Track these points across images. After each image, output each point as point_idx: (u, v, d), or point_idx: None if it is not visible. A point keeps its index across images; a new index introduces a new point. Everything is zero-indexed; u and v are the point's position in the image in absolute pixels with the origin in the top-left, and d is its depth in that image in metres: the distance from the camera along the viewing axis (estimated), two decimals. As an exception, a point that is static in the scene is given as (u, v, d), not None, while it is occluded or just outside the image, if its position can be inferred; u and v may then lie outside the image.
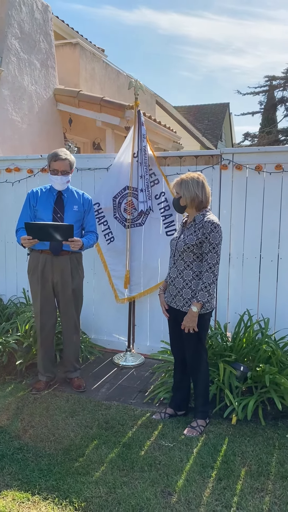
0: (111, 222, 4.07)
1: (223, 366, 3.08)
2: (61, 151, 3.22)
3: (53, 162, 3.17)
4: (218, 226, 2.72)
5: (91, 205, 3.41)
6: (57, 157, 3.16)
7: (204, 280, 2.70)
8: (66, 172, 3.20)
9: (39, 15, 6.59)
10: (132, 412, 3.04)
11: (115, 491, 2.23)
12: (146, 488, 2.25)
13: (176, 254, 2.86)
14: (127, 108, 6.61)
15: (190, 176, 2.80)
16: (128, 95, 9.52)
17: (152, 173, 3.92)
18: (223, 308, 3.78)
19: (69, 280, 3.27)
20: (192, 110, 19.96)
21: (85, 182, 4.19)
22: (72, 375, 3.50)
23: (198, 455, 2.54)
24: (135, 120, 3.86)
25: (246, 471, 2.40)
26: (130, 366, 3.91)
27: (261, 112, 23.29)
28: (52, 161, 3.18)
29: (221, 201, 3.73)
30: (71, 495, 2.20)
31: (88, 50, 8.29)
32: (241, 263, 3.71)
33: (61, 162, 3.16)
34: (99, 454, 2.54)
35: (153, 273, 4.01)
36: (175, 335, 2.97)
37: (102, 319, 4.32)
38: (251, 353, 3.25)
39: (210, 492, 2.24)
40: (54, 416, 2.97)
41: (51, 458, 2.50)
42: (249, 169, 3.62)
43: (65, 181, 3.22)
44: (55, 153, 3.19)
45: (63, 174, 3.19)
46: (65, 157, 3.18)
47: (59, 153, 3.18)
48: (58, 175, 3.18)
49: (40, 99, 6.75)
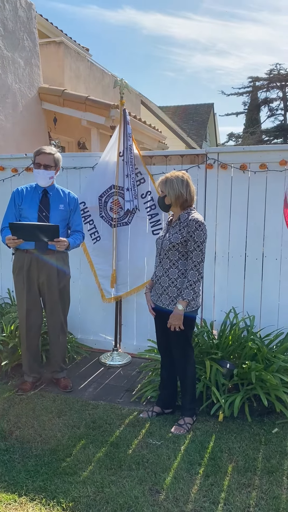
0: (97, 221, 4.06)
1: (209, 364, 3.10)
2: (47, 147, 3.22)
3: (37, 156, 3.17)
4: (202, 224, 2.73)
5: (77, 204, 3.38)
6: (41, 151, 3.16)
7: (189, 278, 2.71)
8: (49, 167, 3.17)
9: (22, 13, 6.53)
10: (119, 411, 3.04)
11: (103, 490, 2.23)
12: (134, 487, 2.25)
13: (161, 253, 2.87)
14: (112, 107, 6.60)
15: (175, 175, 2.81)
16: (113, 95, 9.50)
17: (138, 172, 3.92)
18: (209, 306, 3.80)
19: (55, 280, 3.24)
20: (177, 111, 20.05)
21: (71, 181, 4.17)
22: (59, 376, 3.47)
23: (186, 452, 2.55)
24: (121, 119, 3.86)
25: (233, 467, 2.42)
26: (117, 365, 3.91)
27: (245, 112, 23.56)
28: (36, 155, 3.18)
29: (207, 200, 3.75)
30: (58, 495, 2.19)
31: (72, 49, 8.25)
32: (227, 261, 3.74)
33: (45, 156, 3.15)
34: (87, 454, 2.53)
35: (140, 272, 4.01)
36: (161, 334, 2.98)
37: (89, 318, 4.30)
38: (237, 350, 3.28)
39: (198, 488, 2.25)
40: (41, 417, 2.95)
41: (38, 459, 2.48)
42: (234, 168, 3.65)
43: (47, 176, 3.18)
44: (40, 148, 3.20)
45: (46, 168, 3.16)
46: (50, 152, 3.17)
47: (43, 147, 3.19)
48: (40, 168, 3.16)
49: (24, 97, 6.69)
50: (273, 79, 22.20)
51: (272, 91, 22.82)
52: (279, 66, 21.96)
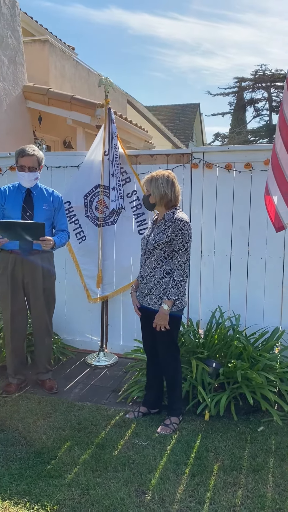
0: (82, 221, 4.02)
1: (195, 363, 3.10)
2: (29, 147, 3.12)
3: (20, 158, 3.08)
4: (187, 224, 2.73)
5: (61, 203, 3.34)
6: (24, 153, 3.07)
7: (174, 278, 2.70)
8: (33, 169, 3.11)
9: (6, 10, 6.45)
10: (105, 412, 3.02)
11: (88, 492, 2.21)
12: (120, 488, 2.23)
13: (146, 253, 2.85)
14: (98, 106, 6.56)
15: (160, 174, 2.80)
16: (99, 94, 9.45)
17: (124, 171, 3.90)
18: (195, 305, 3.80)
19: (40, 280, 3.20)
20: (164, 110, 20.09)
21: (55, 180, 4.13)
22: (44, 377, 3.43)
23: (172, 452, 2.55)
24: (106, 118, 3.84)
25: (219, 466, 2.42)
26: (103, 366, 3.88)
27: (231, 112, 23.72)
28: (19, 157, 3.09)
29: (192, 199, 3.75)
30: (43, 499, 2.16)
31: (57, 47, 8.18)
32: (212, 260, 3.75)
33: (28, 158, 3.08)
34: (72, 456, 2.50)
35: (126, 272, 3.99)
36: (147, 334, 2.97)
37: (74, 319, 4.27)
38: (223, 349, 3.28)
39: (184, 488, 2.25)
40: (26, 419, 2.91)
41: (22, 462, 2.45)
42: (219, 168, 3.66)
43: (33, 178, 3.14)
44: (22, 149, 3.10)
45: (31, 170, 3.11)
46: (33, 153, 3.09)
47: (26, 148, 3.09)
48: (25, 171, 3.09)
49: (8, 96, 6.60)
50: (258, 79, 22.41)
51: (257, 92, 23.04)
52: (264, 67, 22.19)
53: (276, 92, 22.80)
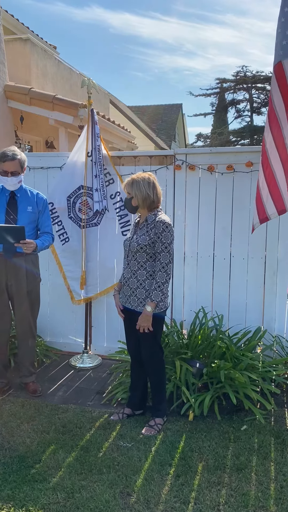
0: (65, 222, 4.00)
1: (179, 364, 3.12)
2: (9, 150, 3.05)
3: (2, 163, 3.01)
4: (169, 225, 2.75)
5: (46, 205, 3.32)
6: (5, 158, 2.99)
7: (157, 280, 2.72)
8: (16, 173, 3.07)
9: (-14, 8, 6.36)
10: (89, 414, 3.01)
11: (73, 495, 2.20)
12: (105, 490, 2.23)
13: (129, 255, 2.86)
14: (81, 106, 6.53)
15: (141, 176, 2.81)
16: (81, 94, 9.41)
17: (107, 173, 3.90)
18: (179, 306, 3.83)
19: (24, 282, 3.17)
20: (146, 110, 20.08)
21: (38, 181, 4.10)
22: (27, 380, 3.40)
23: (157, 453, 2.56)
24: (89, 119, 3.82)
25: (203, 466, 2.45)
26: (87, 367, 3.87)
27: (213, 113, 23.91)
28: (1, 162, 3.01)
29: (175, 200, 3.77)
30: (27, 503, 2.14)
31: (39, 46, 8.11)
32: (196, 261, 3.78)
33: (10, 162, 3.02)
34: (56, 459, 2.49)
35: (110, 274, 3.99)
36: (130, 335, 2.97)
37: (58, 321, 4.24)
38: (207, 349, 3.32)
39: (169, 489, 2.26)
40: (9, 423, 2.88)
41: (6, 467, 2.42)
42: (201, 170, 3.69)
43: (16, 181, 3.10)
44: (3, 152, 3.02)
45: (14, 175, 3.06)
46: (14, 157, 3.02)
47: (7, 152, 3.01)
48: (8, 176, 3.04)
49: (-11, 95, 6.52)
50: (239, 81, 22.64)
51: (239, 93, 23.27)
52: (246, 68, 22.42)
53: (257, 93, 23.09)
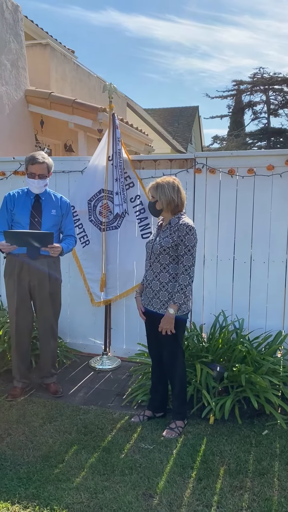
0: (86, 225, 4.05)
1: (199, 367, 3.12)
2: (39, 154, 3.15)
3: (30, 165, 3.11)
4: (193, 229, 2.76)
5: (69, 208, 3.37)
6: (34, 160, 3.10)
7: (180, 282, 2.73)
8: (43, 176, 3.14)
9: (9, 15, 6.48)
10: (110, 416, 3.04)
11: (96, 496, 2.23)
12: (128, 492, 2.25)
13: (152, 257, 2.88)
14: (100, 110, 6.59)
15: (166, 180, 2.83)
16: (99, 97, 9.49)
17: (127, 176, 3.93)
18: (198, 309, 3.83)
19: (46, 283, 3.23)
20: (162, 113, 20.13)
21: (59, 184, 4.15)
22: (49, 381, 3.45)
23: (178, 456, 2.57)
24: (110, 123, 3.87)
25: (225, 470, 2.45)
26: (107, 369, 3.90)
27: (229, 115, 23.83)
28: (30, 164, 3.11)
29: (195, 204, 3.78)
30: (52, 503, 2.18)
31: (58, 51, 8.21)
32: (215, 265, 3.78)
33: (39, 165, 3.11)
34: (79, 460, 2.52)
35: (129, 276, 4.02)
36: (152, 338, 2.99)
37: (78, 322, 4.29)
38: (227, 353, 3.31)
39: (191, 492, 2.27)
40: (32, 423, 2.93)
41: (30, 466, 2.47)
42: (222, 173, 3.69)
43: (42, 185, 3.17)
44: (33, 156, 3.13)
45: (40, 177, 3.13)
46: (43, 161, 3.12)
47: (36, 156, 3.12)
48: (35, 178, 3.13)
49: (10, 100, 6.63)
50: (256, 82, 22.53)
51: (255, 95, 23.17)
52: (263, 70, 22.33)
53: (274, 95, 22.93)
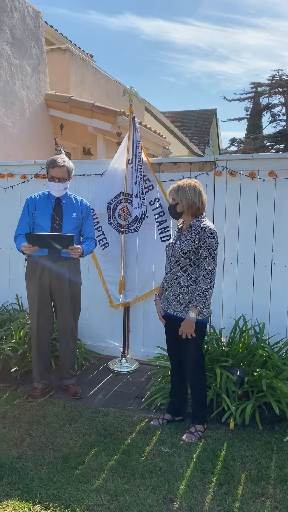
0: (105, 228, 4.07)
1: (219, 371, 3.10)
2: (60, 157, 3.20)
3: (51, 168, 3.16)
4: (214, 232, 2.75)
5: (90, 211, 3.40)
6: (55, 164, 3.14)
7: (201, 286, 2.72)
8: (63, 179, 3.18)
9: (30, 21, 6.58)
10: (129, 419, 3.04)
11: (117, 499, 2.23)
12: (148, 495, 2.25)
13: (172, 260, 2.87)
14: (119, 114, 6.63)
15: (187, 183, 2.82)
16: (118, 101, 9.55)
17: (147, 179, 3.94)
18: (218, 313, 3.80)
19: (67, 286, 3.26)
20: (180, 116, 20.12)
21: (80, 188, 4.19)
22: (68, 382, 3.48)
23: (198, 460, 2.55)
24: (130, 126, 3.89)
25: (246, 476, 2.42)
26: (126, 372, 3.91)
27: (247, 118, 23.65)
28: (50, 167, 3.16)
29: (215, 207, 3.76)
30: (73, 504, 2.19)
31: (77, 55, 8.31)
32: (235, 268, 3.75)
33: (59, 169, 3.15)
34: (99, 462, 2.53)
35: (148, 279, 4.02)
36: (172, 341, 2.98)
37: (97, 325, 4.31)
38: (247, 358, 3.28)
39: (212, 497, 2.25)
40: (52, 424, 2.95)
41: (50, 467, 2.48)
42: (242, 176, 3.67)
43: (62, 188, 3.21)
44: (53, 159, 3.17)
45: (60, 181, 3.18)
46: (63, 164, 3.16)
47: (57, 159, 3.16)
48: (55, 182, 3.17)
49: (31, 104, 6.73)
50: (274, 84, 22.31)
51: (274, 97, 22.92)
52: (281, 72, 22.07)
53: (293, 97, 22.64)
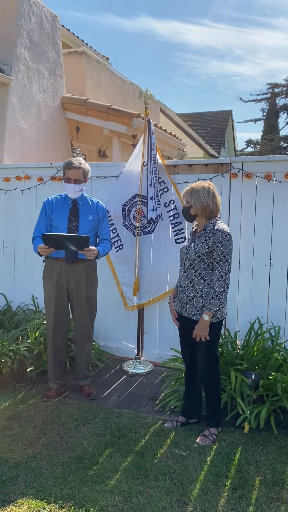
0: (120, 229, 4.09)
1: (234, 374, 3.08)
2: (76, 159, 3.24)
3: (67, 170, 3.21)
4: (228, 234, 2.73)
5: (105, 213, 3.43)
6: (71, 165, 3.19)
7: (215, 289, 2.71)
8: (79, 181, 3.22)
9: (47, 25, 6.67)
10: (143, 420, 3.04)
11: (130, 500, 2.23)
12: (162, 497, 2.25)
13: (186, 263, 2.87)
14: (134, 116, 6.66)
15: (201, 185, 2.82)
16: (133, 103, 9.59)
17: (162, 181, 3.95)
18: (233, 316, 3.78)
19: (84, 287, 3.29)
20: (195, 117, 20.07)
21: (95, 190, 4.22)
22: (83, 383, 3.50)
23: (212, 464, 2.54)
24: (145, 128, 3.90)
25: (261, 480, 2.40)
26: (140, 373, 3.92)
27: (263, 119, 23.42)
28: (66, 169, 3.21)
29: (231, 209, 3.75)
30: (87, 504, 2.20)
31: (93, 58, 8.37)
32: (251, 271, 3.73)
33: (75, 170, 3.19)
34: (113, 463, 2.54)
35: (162, 281, 4.03)
36: (186, 343, 2.98)
37: (111, 326, 4.33)
38: (262, 361, 3.25)
39: (226, 501, 2.24)
40: (66, 424, 2.98)
41: (65, 466, 2.51)
42: (258, 178, 3.65)
43: (78, 189, 3.25)
44: (70, 161, 3.22)
45: (76, 182, 3.21)
46: (79, 166, 3.20)
47: (73, 161, 3.21)
48: (71, 183, 3.21)
49: (48, 107, 6.81)
50: (292, 85, 22.03)
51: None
52: (299, 72, 21.77)
53: (311, 97, 22.33)
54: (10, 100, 5.94)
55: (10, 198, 4.63)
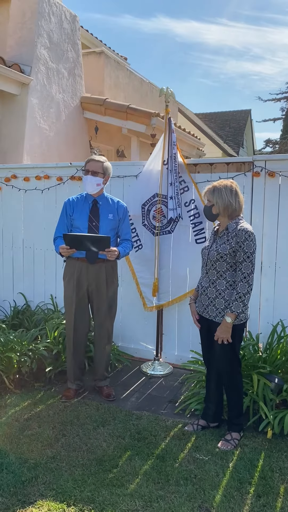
0: (139, 229, 4.05)
1: (256, 378, 3.01)
2: (98, 156, 3.30)
3: (87, 163, 3.27)
4: (252, 234, 2.66)
5: (126, 213, 3.40)
6: (90, 159, 3.26)
7: (238, 290, 2.64)
8: (95, 173, 3.22)
9: (67, 25, 6.69)
10: (163, 423, 2.99)
11: (151, 504, 2.19)
12: (183, 503, 2.20)
13: (208, 264, 2.81)
14: (153, 115, 6.62)
15: (223, 184, 2.75)
16: (151, 103, 9.55)
17: (182, 180, 3.89)
18: (255, 318, 3.70)
19: (104, 288, 3.26)
20: (213, 117, 19.92)
21: (114, 189, 4.19)
22: (102, 384, 3.47)
23: (235, 469, 2.48)
24: (166, 127, 3.86)
25: (286, 488, 2.32)
26: (159, 375, 3.87)
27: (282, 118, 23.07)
28: (86, 162, 3.27)
29: (253, 208, 3.67)
30: (107, 508, 2.17)
31: (112, 58, 8.37)
32: (274, 272, 3.64)
33: (93, 162, 3.23)
34: (133, 466, 2.50)
35: (182, 282, 3.97)
36: (207, 346, 2.92)
37: (130, 327, 4.29)
38: (286, 365, 3.16)
39: (249, 509, 2.17)
40: (85, 425, 2.95)
41: (84, 468, 2.48)
42: (282, 176, 3.56)
43: (94, 182, 3.22)
44: (91, 157, 3.29)
45: (93, 174, 3.21)
46: (98, 160, 3.24)
47: (93, 156, 3.28)
48: (88, 175, 3.23)
49: (67, 107, 6.83)
50: (312, 83, 21.66)
51: (311, 96, 22.25)
52: None
53: None
54: (30, 100, 5.97)
55: (29, 198, 4.64)
